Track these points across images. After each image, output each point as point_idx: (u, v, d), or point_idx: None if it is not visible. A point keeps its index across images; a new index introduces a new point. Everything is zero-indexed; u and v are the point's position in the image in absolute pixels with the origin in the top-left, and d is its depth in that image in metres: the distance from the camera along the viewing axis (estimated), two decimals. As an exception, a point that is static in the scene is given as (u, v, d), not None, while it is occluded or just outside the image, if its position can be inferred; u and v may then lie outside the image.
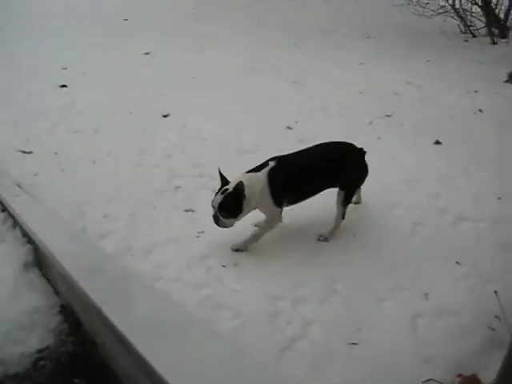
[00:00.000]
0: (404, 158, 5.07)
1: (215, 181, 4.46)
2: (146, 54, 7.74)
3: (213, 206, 3.45)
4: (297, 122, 5.74)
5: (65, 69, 7.02)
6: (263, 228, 3.69)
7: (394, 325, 3.08)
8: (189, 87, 6.61)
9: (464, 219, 4.10)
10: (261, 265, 3.50)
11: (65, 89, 6.45)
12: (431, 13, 10.44)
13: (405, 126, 5.79)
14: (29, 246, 2.59)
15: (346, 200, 3.81)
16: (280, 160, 3.60)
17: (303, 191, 3.73)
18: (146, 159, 4.90)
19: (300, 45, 8.56)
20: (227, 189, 3.38)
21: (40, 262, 2.48)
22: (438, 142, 5.35)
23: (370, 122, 5.80)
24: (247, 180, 3.42)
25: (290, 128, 5.60)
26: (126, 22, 9.44)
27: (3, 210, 3.25)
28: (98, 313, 1.43)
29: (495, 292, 3.04)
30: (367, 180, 4.64)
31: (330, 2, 12.07)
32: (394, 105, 6.31)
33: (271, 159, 3.61)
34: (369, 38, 9.32)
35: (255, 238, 3.66)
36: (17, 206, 2.96)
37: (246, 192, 3.39)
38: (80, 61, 7.34)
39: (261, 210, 3.64)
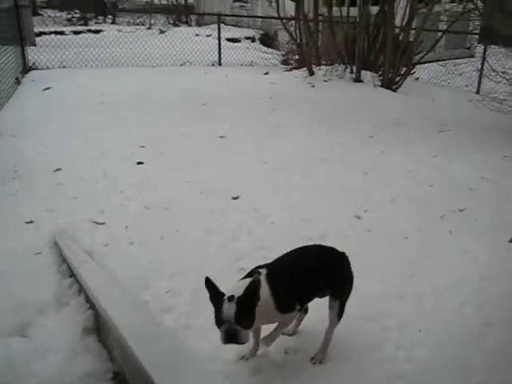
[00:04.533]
0: (477, 254, 4.91)
1: None
2: (221, 137, 7.99)
3: (223, 321, 2.87)
4: (366, 211, 5.68)
5: (143, 147, 7.32)
6: (275, 333, 3.25)
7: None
8: (260, 172, 6.72)
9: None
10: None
11: (141, 166, 6.70)
12: (509, 109, 10.33)
13: (479, 221, 5.62)
14: (90, 311, 2.64)
15: (341, 311, 3.41)
16: (269, 266, 3.24)
17: (304, 292, 3.30)
18: (212, 239, 4.95)
19: (375, 136, 8.62)
20: (233, 295, 2.88)
21: (99, 327, 2.51)
22: (513, 241, 5.15)
23: (442, 216, 5.66)
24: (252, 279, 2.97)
25: (358, 217, 5.55)
26: (204, 106, 9.85)
27: (71, 276, 3.35)
28: (147, 382, 1.41)
29: None
30: (438, 273, 4.54)
31: (406, 97, 12.21)
32: (467, 199, 6.15)
33: (258, 267, 3.24)
34: (442, 131, 9.27)
35: (266, 341, 3.27)
36: (84, 272, 3.03)
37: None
38: (157, 140, 7.63)
39: (264, 321, 3.16)
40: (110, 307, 2.09)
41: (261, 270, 3.16)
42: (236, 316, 2.83)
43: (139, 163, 6.76)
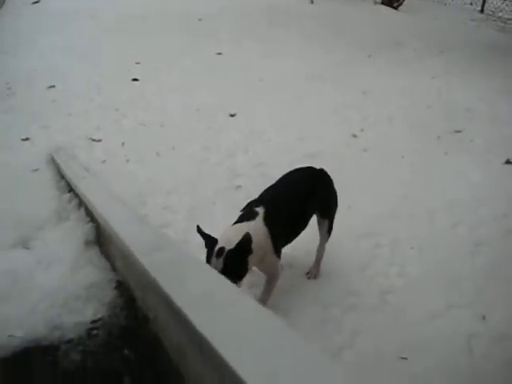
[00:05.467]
0: (472, 175, 4.95)
1: None
2: (218, 54, 7.83)
3: None
4: (362, 130, 5.67)
5: (138, 63, 7.18)
6: (268, 289, 3.12)
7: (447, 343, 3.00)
8: (256, 89, 6.64)
9: (531, 242, 3.97)
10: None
11: (136, 82, 6.59)
12: (512, 30, 10.13)
13: (475, 142, 5.62)
14: (91, 224, 2.68)
15: (330, 227, 3.46)
16: (267, 204, 3.01)
17: (297, 230, 3.26)
18: (209, 156, 4.96)
19: (373, 55, 8.46)
20: (223, 248, 2.68)
21: (100, 240, 2.56)
22: (509, 162, 5.16)
23: (438, 137, 5.66)
24: (246, 231, 2.74)
25: (355, 136, 5.54)
26: (200, 21, 9.58)
27: (70, 191, 3.37)
28: (153, 287, 1.46)
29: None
30: (433, 193, 4.59)
31: (407, 15, 11.88)
32: (464, 121, 6.13)
33: (254, 205, 3.05)
34: (442, 52, 9.09)
35: (263, 302, 3.05)
36: (83, 186, 3.04)
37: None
38: (153, 57, 7.47)
39: (261, 268, 3.07)
40: (112, 219, 2.12)
41: (258, 210, 2.96)
42: (223, 271, 2.59)
43: (134, 80, 6.65)
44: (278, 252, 3.03)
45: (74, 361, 1.78)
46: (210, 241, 2.76)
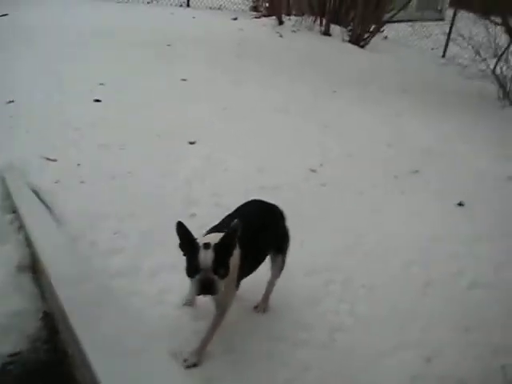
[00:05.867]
0: (426, 215, 5.02)
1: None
2: (183, 80, 7.81)
3: (198, 269, 2.57)
4: (321, 165, 5.69)
5: (102, 84, 7.10)
6: (216, 323, 2.92)
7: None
8: (219, 118, 6.63)
9: (479, 285, 4.01)
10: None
11: (98, 103, 6.51)
12: (471, 75, 10.42)
13: (431, 184, 5.72)
14: (28, 249, 2.57)
15: (283, 263, 3.37)
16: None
17: (256, 263, 3.16)
18: (166, 183, 4.88)
19: (338, 91, 8.59)
20: (208, 243, 2.61)
21: (35, 266, 2.46)
22: (460, 204, 5.27)
23: (396, 176, 5.73)
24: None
25: (313, 171, 5.56)
26: (169, 47, 9.59)
27: (14, 212, 3.26)
28: (67, 323, 1.39)
29: (502, 367, 2.93)
30: (388, 231, 4.62)
31: (373, 54, 12.15)
32: (422, 162, 6.25)
33: (218, 229, 2.93)
34: (405, 92, 9.31)
35: (210, 337, 2.92)
36: (24, 208, 2.95)
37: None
38: (117, 79, 7.41)
39: (216, 297, 2.80)
40: (44, 247, 2.03)
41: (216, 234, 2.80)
42: (214, 264, 2.56)
43: (96, 101, 6.56)
44: (238, 282, 2.94)
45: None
46: (190, 240, 2.66)
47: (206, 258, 2.56)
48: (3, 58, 7.66)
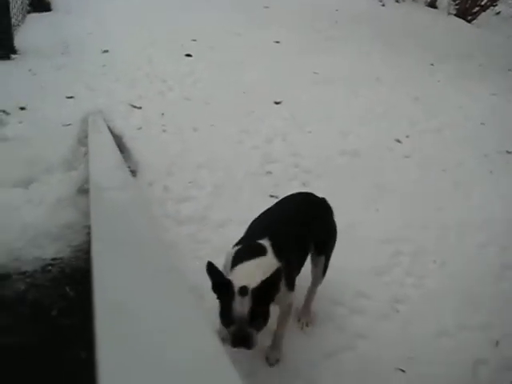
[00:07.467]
0: (512, 198, 4.73)
1: (308, 174, 4.46)
2: (276, 42, 7.75)
3: (233, 320, 2.20)
4: (407, 136, 5.49)
5: (194, 40, 7.17)
6: (284, 318, 2.68)
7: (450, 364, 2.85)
8: (308, 81, 6.54)
9: None
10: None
11: (189, 58, 6.58)
12: None
13: (525, 165, 5.38)
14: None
15: (326, 266, 2.96)
16: (272, 237, 2.50)
17: (302, 261, 2.79)
18: (246, 139, 4.89)
19: (436, 65, 8.22)
20: (245, 286, 2.19)
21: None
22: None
23: (486, 155, 5.43)
24: (263, 270, 2.27)
25: (399, 141, 5.37)
26: (266, 9, 9.53)
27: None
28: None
29: None
30: (469, 209, 4.41)
31: (480, 30, 11.50)
32: (517, 142, 5.87)
33: (256, 238, 2.54)
34: (510, 70, 8.77)
35: (282, 334, 2.72)
36: (92, 137, 3.08)
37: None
38: (211, 36, 7.46)
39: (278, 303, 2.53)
40: (95, 169, 2.13)
41: (263, 243, 2.47)
42: (250, 315, 2.18)
43: (187, 55, 6.65)
44: (291, 285, 2.57)
45: (16, 291, 1.89)
46: (223, 282, 2.24)
47: (241, 307, 2.17)
48: (102, 8, 7.91)
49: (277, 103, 5.74)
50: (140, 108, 5.06)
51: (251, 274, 2.26)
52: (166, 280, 1.12)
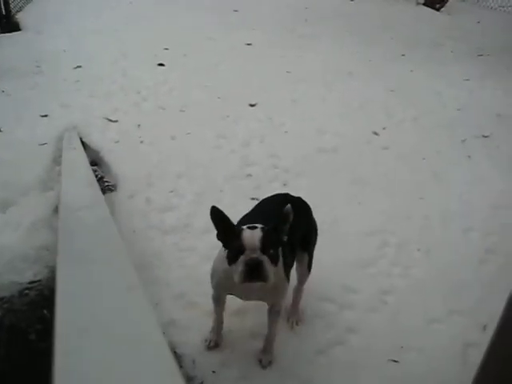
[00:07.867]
0: (493, 181, 4.76)
1: (288, 174, 4.48)
2: (248, 44, 7.76)
3: (245, 248, 2.14)
4: (384, 128, 5.52)
5: (166, 49, 7.17)
6: (275, 318, 2.62)
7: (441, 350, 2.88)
8: (281, 81, 6.56)
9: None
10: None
11: (162, 67, 6.58)
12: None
13: (501, 149, 5.41)
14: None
15: (310, 262, 2.92)
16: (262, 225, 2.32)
17: (291, 259, 2.70)
18: (223, 144, 4.91)
19: (407, 55, 8.26)
20: (254, 226, 2.23)
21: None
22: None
23: (464, 140, 5.47)
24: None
25: (376, 134, 5.40)
26: (235, 12, 9.54)
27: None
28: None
29: None
30: (450, 197, 4.44)
31: (449, 17, 11.58)
32: (493, 126, 5.90)
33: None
34: (481, 55, 8.83)
35: (274, 336, 2.68)
36: (65, 155, 3.09)
37: None
38: (183, 43, 7.45)
39: (265, 297, 2.52)
40: (66, 189, 2.13)
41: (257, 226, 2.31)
42: (262, 242, 2.12)
43: (160, 65, 6.64)
44: (287, 274, 2.53)
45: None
46: (228, 224, 2.25)
47: (251, 236, 2.14)
48: (71, 25, 7.88)
49: (252, 105, 5.75)
50: (116, 121, 5.05)
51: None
52: (127, 299, 1.14)
